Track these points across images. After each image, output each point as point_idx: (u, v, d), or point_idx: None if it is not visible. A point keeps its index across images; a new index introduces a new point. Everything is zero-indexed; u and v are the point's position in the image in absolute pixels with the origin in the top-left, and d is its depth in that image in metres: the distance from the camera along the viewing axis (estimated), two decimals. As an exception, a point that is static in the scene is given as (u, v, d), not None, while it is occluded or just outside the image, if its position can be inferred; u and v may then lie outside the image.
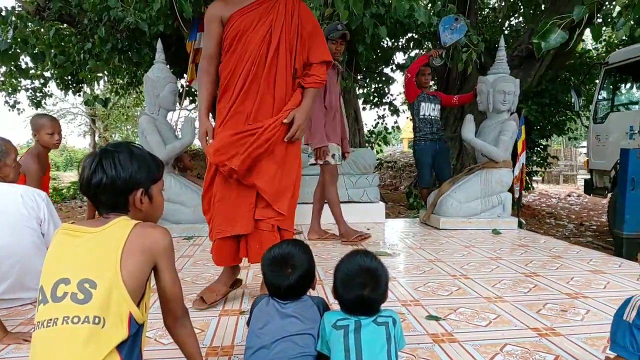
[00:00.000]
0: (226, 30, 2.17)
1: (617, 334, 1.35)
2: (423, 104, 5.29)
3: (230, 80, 2.17)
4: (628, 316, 1.33)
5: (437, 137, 5.33)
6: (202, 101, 2.25)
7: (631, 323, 1.31)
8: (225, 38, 2.18)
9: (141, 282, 1.16)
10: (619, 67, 6.26)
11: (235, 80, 2.15)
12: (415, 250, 3.70)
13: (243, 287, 2.63)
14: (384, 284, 1.44)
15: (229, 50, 2.17)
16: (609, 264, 3.23)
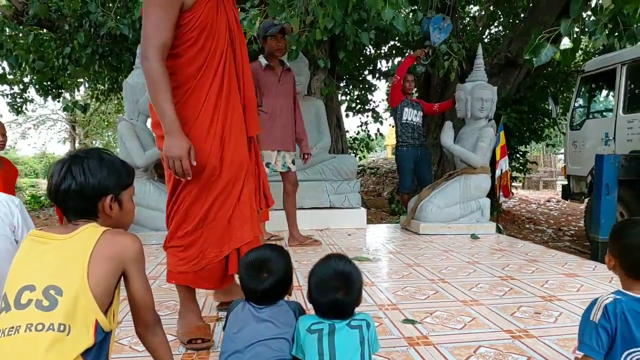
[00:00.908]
0: (190, 21, 1.83)
1: (584, 334, 1.38)
2: (406, 109, 5.38)
3: (202, 79, 1.88)
4: (594, 316, 1.36)
5: (419, 143, 5.42)
6: (171, 111, 1.77)
7: (597, 323, 1.34)
8: (190, 29, 1.83)
9: (109, 289, 1.15)
10: (594, 75, 6.42)
11: (209, 81, 1.90)
12: (395, 255, 3.73)
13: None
14: (358, 288, 1.45)
15: (193, 45, 1.85)
16: (584, 267, 3.30)
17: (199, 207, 1.93)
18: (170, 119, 1.76)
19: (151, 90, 1.77)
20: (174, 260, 1.98)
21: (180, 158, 1.76)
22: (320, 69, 6.53)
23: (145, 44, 1.75)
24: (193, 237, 1.95)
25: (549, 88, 8.68)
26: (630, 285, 1.39)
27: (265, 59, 3.72)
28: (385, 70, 10.05)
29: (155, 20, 1.75)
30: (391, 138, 24.59)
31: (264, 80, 3.67)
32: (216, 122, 1.93)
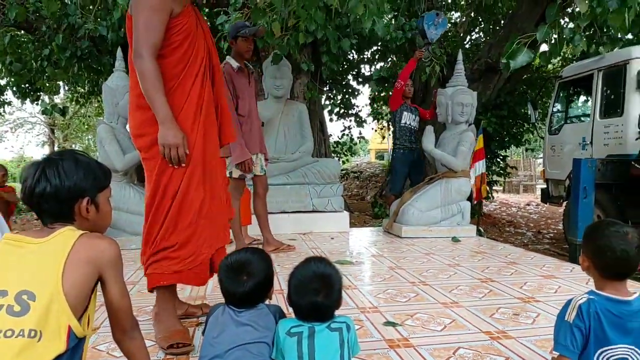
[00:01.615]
0: (177, 26, 1.95)
1: (559, 334, 1.40)
2: (405, 113, 5.47)
3: (184, 80, 1.99)
4: (569, 316, 1.38)
5: (415, 146, 5.47)
6: (165, 103, 1.89)
7: (571, 323, 1.37)
8: (176, 33, 1.95)
9: (84, 294, 1.13)
10: (572, 80, 6.56)
11: (190, 82, 2.01)
12: (377, 259, 3.75)
13: (202, 298, 2.60)
14: (337, 290, 1.45)
15: (178, 47, 1.97)
16: (561, 269, 3.35)
17: (193, 200, 1.97)
18: (165, 110, 1.88)
19: (145, 85, 1.86)
20: (166, 262, 1.94)
21: (177, 145, 1.87)
22: (303, 73, 6.54)
23: (139, 43, 1.86)
24: (189, 231, 1.96)
25: (528, 93, 8.85)
26: (602, 285, 1.42)
27: (234, 60, 3.60)
28: (368, 75, 10.12)
29: (149, 22, 1.87)
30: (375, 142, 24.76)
31: (238, 83, 3.57)
32: (198, 121, 2.03)
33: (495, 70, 7.86)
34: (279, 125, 5.50)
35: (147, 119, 1.92)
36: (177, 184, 1.94)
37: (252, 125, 3.67)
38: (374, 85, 9.24)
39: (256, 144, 3.71)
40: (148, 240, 1.95)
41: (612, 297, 1.37)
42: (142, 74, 1.86)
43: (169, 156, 1.88)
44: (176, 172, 1.94)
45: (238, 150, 3.51)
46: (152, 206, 1.94)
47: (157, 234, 1.93)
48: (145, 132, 1.94)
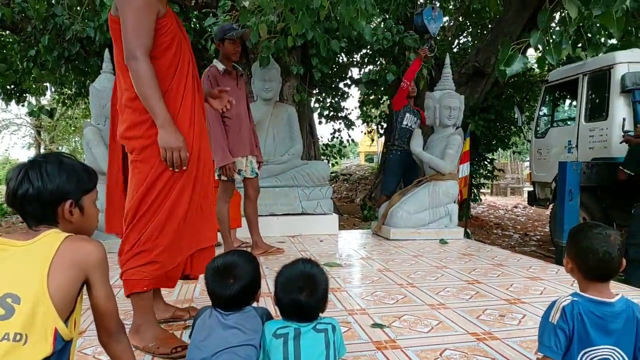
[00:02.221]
0: (164, 27, 1.93)
1: (543, 336, 1.42)
2: (407, 115, 5.49)
3: (176, 81, 1.98)
4: (553, 318, 1.41)
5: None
6: (164, 106, 1.87)
7: (555, 324, 1.39)
8: (164, 33, 1.93)
9: (70, 297, 1.13)
10: (558, 84, 6.65)
11: (183, 83, 2.00)
12: (366, 261, 3.76)
13: (189, 301, 2.59)
14: (322, 291, 1.46)
15: (168, 48, 1.95)
16: (547, 271, 3.39)
17: (183, 203, 1.95)
18: (165, 113, 1.86)
19: (142, 88, 1.83)
20: (147, 267, 1.89)
21: (180, 149, 1.87)
22: (293, 76, 6.55)
23: (133, 44, 1.82)
24: (174, 235, 1.94)
25: (515, 97, 8.95)
26: (586, 287, 1.44)
27: (221, 62, 3.59)
28: (357, 78, 10.16)
29: (139, 22, 1.84)
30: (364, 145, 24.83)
31: (224, 85, 3.51)
32: (193, 122, 2.03)
33: (483, 74, 7.95)
34: (268, 127, 5.50)
35: (141, 122, 1.89)
36: (171, 187, 1.92)
37: (242, 127, 3.64)
38: (363, 88, 9.28)
39: (246, 146, 3.67)
40: (129, 245, 1.90)
41: (595, 299, 1.39)
42: (137, 76, 1.82)
43: (171, 160, 1.87)
44: (173, 176, 1.92)
45: (220, 154, 3.49)
46: (138, 209, 1.89)
47: (140, 237, 1.89)
48: (138, 135, 1.90)
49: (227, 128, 3.57)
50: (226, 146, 3.52)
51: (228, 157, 3.52)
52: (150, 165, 1.90)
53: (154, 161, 1.89)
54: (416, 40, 6.59)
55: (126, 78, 1.90)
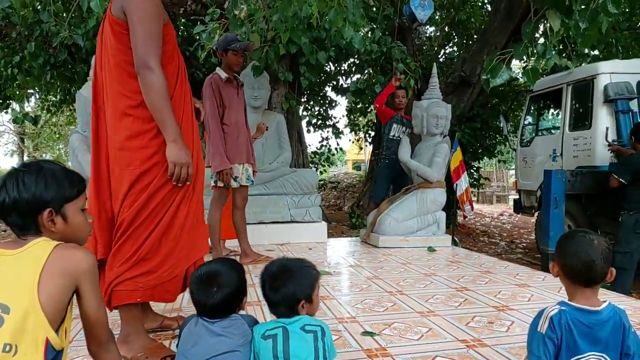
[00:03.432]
0: (167, 35, 1.91)
1: (532, 345, 1.44)
2: (394, 125, 5.58)
3: (178, 89, 1.97)
4: (541, 327, 1.42)
5: None
6: (175, 120, 1.85)
7: (544, 334, 1.40)
8: (167, 42, 1.91)
9: (61, 306, 1.11)
10: (543, 94, 6.76)
11: (183, 92, 1.99)
12: (355, 269, 3.76)
13: (178, 310, 2.56)
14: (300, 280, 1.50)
15: (171, 57, 1.94)
16: (534, 278, 3.43)
17: (183, 213, 1.93)
18: (176, 127, 1.85)
19: (155, 99, 1.80)
20: (143, 278, 1.85)
21: (189, 165, 1.87)
22: (281, 84, 6.57)
23: (146, 53, 1.79)
24: (172, 245, 1.91)
25: (500, 106, 9.07)
26: (573, 294, 1.46)
27: (223, 71, 3.66)
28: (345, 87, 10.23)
29: (152, 31, 1.81)
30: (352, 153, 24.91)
31: (225, 93, 3.60)
32: (192, 132, 2.03)
33: (469, 83, 8.06)
34: (256, 135, 5.50)
35: (145, 131, 1.85)
36: (171, 200, 1.90)
37: (239, 135, 3.67)
38: (350, 97, 9.34)
39: (242, 154, 3.70)
40: (123, 255, 1.84)
41: (582, 308, 1.41)
42: (151, 87, 1.78)
43: (179, 175, 1.85)
44: (174, 189, 1.90)
45: (218, 159, 3.52)
46: (135, 219, 1.83)
47: (140, 248, 1.84)
48: (141, 145, 1.84)
49: (225, 135, 3.59)
50: (224, 152, 3.54)
51: (226, 162, 3.54)
52: (152, 175, 1.85)
53: (157, 172, 1.86)
54: (403, 51, 6.66)
55: (126, 84, 1.85)
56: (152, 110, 1.82)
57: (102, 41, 1.91)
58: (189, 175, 1.89)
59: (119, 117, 1.86)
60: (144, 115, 1.84)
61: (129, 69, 1.83)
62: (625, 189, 4.23)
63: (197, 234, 2.03)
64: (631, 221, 4.15)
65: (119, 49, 1.84)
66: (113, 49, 1.85)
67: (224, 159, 3.53)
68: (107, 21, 1.88)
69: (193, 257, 2.02)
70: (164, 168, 1.86)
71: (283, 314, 1.50)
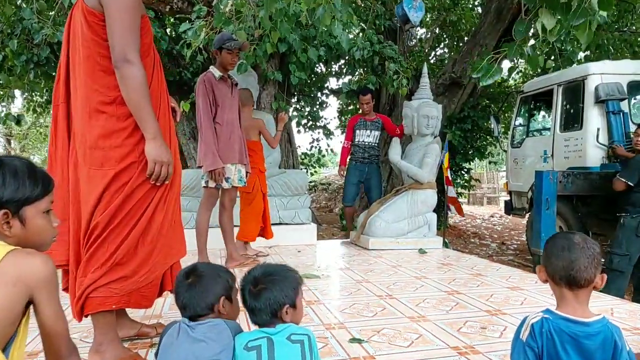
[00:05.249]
0: (145, 26, 1.82)
1: (513, 352, 1.39)
2: (358, 132, 5.51)
3: (153, 85, 1.86)
4: (523, 335, 1.36)
5: (369, 160, 5.46)
6: (156, 120, 1.76)
7: (525, 342, 1.34)
8: (144, 33, 1.81)
9: (11, 319, 1.00)
10: (533, 95, 6.73)
11: (158, 87, 1.89)
12: (344, 272, 3.67)
13: (157, 317, 2.45)
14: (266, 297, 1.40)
15: (148, 49, 1.84)
16: (526, 281, 3.36)
17: (160, 215, 1.83)
18: (157, 124, 1.76)
19: (134, 95, 1.71)
20: (117, 284, 1.74)
21: (169, 163, 1.79)
22: (271, 84, 6.48)
23: (126, 47, 1.69)
24: (149, 248, 1.80)
25: (491, 107, 9.06)
26: (559, 301, 1.39)
27: (217, 69, 3.56)
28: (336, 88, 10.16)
29: (132, 22, 1.71)
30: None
31: (219, 92, 3.50)
32: (169, 129, 1.93)
33: (459, 84, 8.02)
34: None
35: (120, 129, 1.74)
36: (148, 201, 1.79)
37: (232, 135, 3.56)
38: (344, 99, 9.27)
39: (235, 154, 3.59)
40: (97, 260, 1.71)
41: (567, 317, 1.33)
42: (131, 82, 1.68)
43: (158, 174, 1.76)
44: (151, 190, 1.80)
45: (210, 158, 3.41)
46: (111, 221, 1.72)
47: (115, 253, 1.72)
48: (116, 144, 1.73)
49: (217, 134, 3.49)
50: (216, 151, 3.43)
51: (218, 161, 3.43)
52: (128, 176, 1.75)
53: (133, 172, 1.76)
54: (395, 50, 6.60)
55: (99, 79, 1.74)
56: (131, 106, 1.72)
57: (71, 33, 1.80)
58: (168, 174, 1.80)
59: (91, 114, 1.74)
60: (118, 112, 1.74)
61: (103, 62, 1.73)
62: (628, 191, 4.18)
63: (174, 236, 1.93)
64: (634, 224, 4.09)
65: (93, 41, 1.73)
66: (86, 40, 1.73)
67: (216, 158, 3.42)
68: (78, 12, 1.76)
69: (170, 260, 1.92)
70: (140, 168, 1.76)
71: (266, 322, 1.41)
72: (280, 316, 1.41)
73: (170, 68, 6.70)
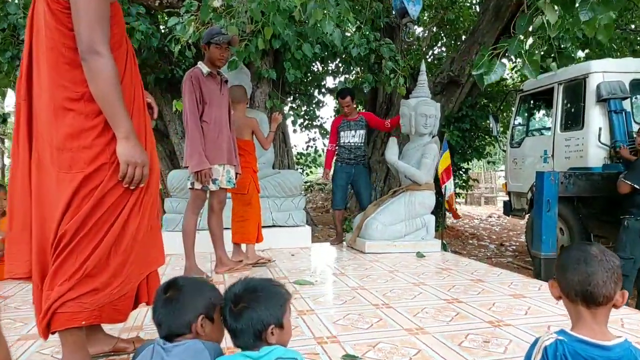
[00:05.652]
0: (115, 15, 1.67)
1: None
2: (342, 133, 5.35)
3: (125, 80, 1.70)
4: (534, 359, 1.21)
5: (355, 161, 5.29)
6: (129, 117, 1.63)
7: None
8: (115, 23, 1.66)
9: None
10: (533, 94, 6.59)
11: (131, 82, 1.74)
12: (339, 277, 3.51)
13: (138, 329, 2.29)
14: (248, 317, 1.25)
15: (119, 41, 1.69)
16: (529, 287, 3.21)
17: (134, 221, 1.68)
18: (129, 122, 1.62)
19: (104, 90, 1.56)
20: (88, 297, 1.58)
21: (144, 165, 1.65)
22: (265, 82, 6.31)
23: (94, 37, 1.54)
24: (122, 258, 1.64)
25: (489, 107, 8.92)
26: (576, 321, 1.24)
27: (205, 65, 3.39)
28: (333, 87, 10.01)
29: (100, 10, 1.56)
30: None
31: (207, 89, 3.33)
32: (144, 127, 1.78)
33: (457, 83, 7.87)
34: (237, 135, 5.24)
35: (89, 128, 1.59)
36: (122, 206, 1.64)
37: (221, 135, 3.38)
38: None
39: (223, 154, 3.41)
40: (65, 272, 1.55)
41: (584, 340, 1.18)
42: (99, 75, 1.54)
43: (132, 176, 1.61)
44: (125, 194, 1.64)
45: (196, 158, 3.23)
46: (80, 229, 1.56)
47: (85, 263, 1.57)
48: (84, 145, 1.58)
49: (204, 133, 3.31)
50: (202, 151, 3.26)
51: (205, 162, 3.26)
52: (99, 179, 1.59)
53: (104, 175, 1.60)
54: (392, 49, 6.44)
55: (65, 73, 1.57)
56: (101, 102, 1.56)
57: (34, 23, 1.63)
58: (143, 177, 1.65)
59: (57, 112, 1.58)
60: (87, 110, 1.58)
61: (69, 54, 1.56)
62: (632, 193, 4.05)
63: (151, 243, 1.76)
64: (638, 226, 3.99)
65: (57, 30, 1.56)
66: (49, 30, 1.56)
67: (202, 158, 3.25)
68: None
69: (146, 270, 1.77)
70: (112, 170, 1.60)
71: (249, 344, 1.26)
72: (265, 338, 1.26)
73: (162, 66, 6.53)
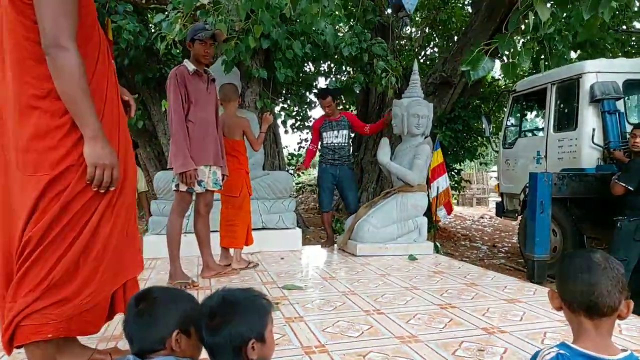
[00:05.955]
0: (86, 6, 1.57)
1: None
2: (324, 134, 5.23)
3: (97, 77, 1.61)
4: None
5: (340, 162, 5.18)
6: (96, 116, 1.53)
7: None
8: (85, 14, 1.55)
9: None
10: (526, 94, 6.54)
11: (105, 79, 1.64)
12: (329, 282, 3.42)
13: (116, 338, 2.18)
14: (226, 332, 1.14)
15: (90, 33, 1.59)
16: (524, 291, 3.14)
17: (106, 227, 1.57)
18: (97, 121, 1.52)
19: (70, 87, 1.46)
20: (55, 308, 1.48)
21: (113, 166, 1.54)
22: (255, 81, 6.21)
23: (57, 29, 1.43)
24: (93, 266, 1.54)
25: (482, 107, 8.87)
26: (577, 333, 1.16)
27: (191, 63, 3.28)
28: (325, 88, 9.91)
29: (66, 1, 1.45)
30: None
31: (193, 87, 3.21)
32: (117, 129, 1.67)
33: (450, 84, 7.83)
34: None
35: (55, 127, 1.49)
36: (91, 210, 1.54)
37: (207, 135, 3.27)
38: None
39: (209, 154, 3.29)
40: (30, 282, 1.45)
41: (587, 354, 1.10)
42: (63, 71, 1.44)
43: (100, 179, 1.52)
44: (95, 198, 1.54)
45: (181, 159, 3.11)
46: (44, 239, 1.46)
47: (51, 272, 1.46)
48: (50, 145, 1.48)
49: (189, 133, 3.18)
50: (187, 152, 3.14)
51: (190, 163, 3.13)
52: (66, 182, 1.49)
53: (71, 177, 1.50)
54: (384, 48, 6.37)
55: (29, 68, 1.47)
56: (66, 99, 1.46)
57: None
58: (113, 179, 1.54)
59: (22, 111, 1.48)
60: (53, 107, 1.47)
61: (33, 48, 1.46)
62: (626, 195, 4.00)
63: (127, 250, 1.66)
64: (631, 227, 3.94)
65: (20, 24, 1.45)
66: (11, 23, 1.46)
67: (187, 159, 3.13)
68: None
69: (121, 278, 1.66)
70: (79, 172, 1.50)
71: None
72: (245, 353, 1.16)
73: (150, 65, 6.41)
